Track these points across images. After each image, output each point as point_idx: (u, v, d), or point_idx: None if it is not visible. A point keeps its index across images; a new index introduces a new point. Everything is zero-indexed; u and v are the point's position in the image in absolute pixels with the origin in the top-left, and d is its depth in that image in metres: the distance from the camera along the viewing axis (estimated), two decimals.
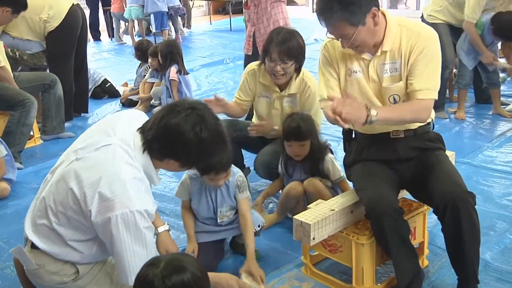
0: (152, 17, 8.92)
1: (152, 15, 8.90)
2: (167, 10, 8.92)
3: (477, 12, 4.41)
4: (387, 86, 2.32)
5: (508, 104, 4.98)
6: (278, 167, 3.07)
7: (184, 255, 1.70)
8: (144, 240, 1.84)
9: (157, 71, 5.47)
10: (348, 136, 2.60)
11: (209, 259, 2.56)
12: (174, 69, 5.08)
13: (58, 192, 1.91)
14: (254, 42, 4.49)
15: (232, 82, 6.48)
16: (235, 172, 2.60)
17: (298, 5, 12.94)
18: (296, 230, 2.29)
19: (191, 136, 1.84)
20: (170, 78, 5.06)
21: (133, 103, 5.68)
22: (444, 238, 2.27)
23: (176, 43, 5.36)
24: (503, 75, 5.51)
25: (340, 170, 2.88)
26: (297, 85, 3.15)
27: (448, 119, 4.79)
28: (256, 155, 3.33)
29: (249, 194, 2.65)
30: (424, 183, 2.28)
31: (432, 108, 2.32)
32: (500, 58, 4.88)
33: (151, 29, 9.26)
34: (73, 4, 4.78)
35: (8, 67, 4.23)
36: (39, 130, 4.66)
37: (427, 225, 2.57)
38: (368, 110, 2.12)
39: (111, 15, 9.86)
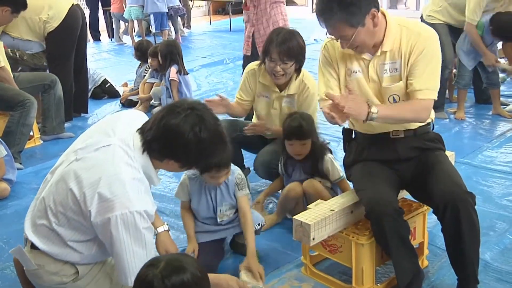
0: (152, 17, 8.91)
1: (152, 15, 8.89)
2: (167, 10, 8.92)
3: (477, 13, 4.40)
4: (387, 86, 2.32)
5: (508, 105, 4.98)
6: (278, 167, 3.07)
7: (184, 256, 1.70)
8: (143, 240, 1.84)
9: (157, 71, 5.47)
10: (348, 136, 2.60)
11: (209, 259, 2.56)
12: (174, 69, 5.08)
13: (58, 192, 1.91)
14: (253, 42, 4.48)
15: (232, 82, 6.48)
16: (234, 170, 2.60)
17: (297, 5, 12.94)
18: (296, 230, 2.29)
19: (190, 137, 1.84)
20: (170, 78, 5.06)
21: (133, 103, 5.67)
22: (444, 238, 2.27)
23: (176, 43, 5.36)
24: (503, 75, 5.51)
25: (340, 170, 2.88)
26: (296, 85, 3.15)
27: (448, 119, 4.79)
28: (256, 155, 3.34)
29: (248, 191, 2.66)
30: (424, 183, 2.28)
31: (432, 108, 2.33)
32: (500, 58, 4.88)
33: (151, 29, 9.26)
34: (72, 4, 4.78)
35: (8, 68, 4.23)
36: (39, 131, 4.65)
37: (427, 225, 2.58)
38: (369, 107, 2.13)
39: (111, 15, 9.85)
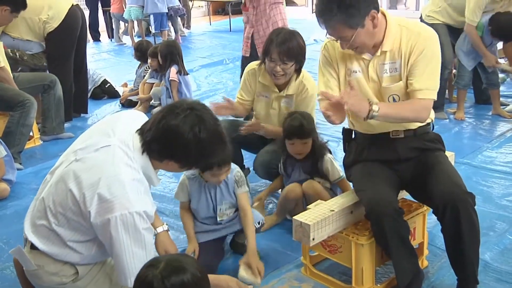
0: (152, 18, 8.92)
1: (151, 15, 8.89)
2: (167, 11, 8.92)
3: (477, 14, 4.40)
4: (387, 86, 2.32)
5: (508, 105, 4.98)
6: (277, 167, 3.07)
7: (184, 256, 1.70)
8: (143, 241, 1.84)
9: (156, 72, 5.47)
10: (348, 137, 2.60)
11: (209, 259, 2.57)
12: (174, 69, 5.08)
13: (57, 193, 1.91)
14: (252, 43, 4.49)
15: (232, 82, 6.47)
16: (233, 169, 2.62)
17: (297, 5, 12.94)
18: (295, 230, 2.29)
19: (190, 137, 1.85)
20: (170, 79, 5.06)
21: (132, 103, 5.67)
22: (443, 238, 2.27)
23: (176, 44, 5.36)
24: (502, 75, 5.51)
25: (340, 169, 2.88)
26: (295, 86, 3.16)
27: (447, 120, 4.79)
28: (255, 156, 3.34)
29: (247, 188, 2.68)
30: (424, 183, 2.28)
31: (431, 108, 2.33)
32: (500, 59, 4.88)
33: (150, 29, 9.26)
34: (72, 4, 4.78)
35: (8, 68, 4.22)
36: (39, 131, 4.65)
37: (426, 225, 2.58)
38: (370, 104, 2.14)
39: (110, 15, 9.85)
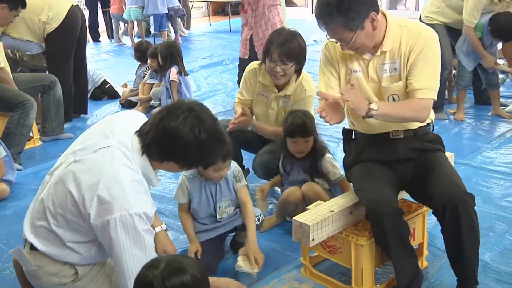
0: (152, 18, 8.92)
1: (151, 16, 8.89)
2: (167, 11, 8.92)
3: (475, 16, 4.41)
4: (387, 86, 2.33)
5: (507, 105, 4.98)
6: (276, 167, 3.07)
7: (184, 257, 1.70)
8: (143, 243, 1.83)
9: (156, 72, 5.47)
10: (348, 137, 2.60)
11: (209, 259, 2.57)
12: (174, 70, 5.08)
13: (56, 194, 1.91)
14: (251, 45, 4.49)
15: (232, 83, 6.47)
16: (231, 165, 2.64)
17: (297, 6, 12.94)
18: (295, 231, 2.29)
19: (190, 138, 1.85)
20: (171, 79, 5.06)
21: (132, 104, 5.67)
22: (443, 239, 2.27)
23: (176, 44, 5.36)
24: (502, 76, 5.52)
25: (339, 169, 2.88)
26: (294, 87, 3.16)
27: (447, 120, 4.79)
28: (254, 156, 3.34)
29: (246, 182, 2.72)
30: (424, 184, 2.28)
31: (431, 108, 2.32)
32: (500, 59, 4.88)
33: (150, 30, 9.27)
34: (72, 5, 4.78)
35: (8, 69, 4.22)
36: (39, 131, 4.65)
37: (426, 226, 2.58)
38: (369, 103, 2.14)
39: (110, 16, 9.85)
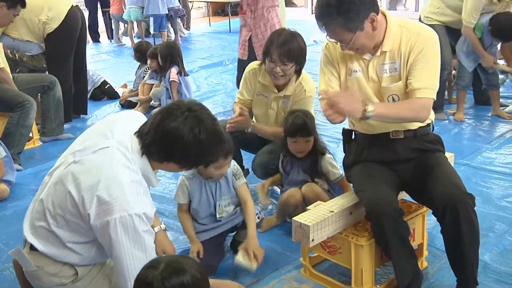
0: (151, 19, 8.92)
1: (151, 17, 8.89)
2: (167, 12, 8.92)
3: (474, 16, 4.41)
4: (386, 86, 2.33)
5: (507, 106, 4.99)
6: (276, 168, 3.08)
7: (184, 257, 1.69)
8: (143, 244, 1.83)
9: (156, 73, 5.47)
10: (348, 137, 2.60)
11: (209, 259, 2.57)
12: (174, 70, 5.08)
13: (56, 194, 1.91)
14: (250, 47, 4.49)
15: (231, 83, 6.46)
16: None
17: (297, 6, 12.94)
18: (295, 231, 2.29)
19: (190, 138, 1.85)
20: (171, 79, 5.05)
21: (132, 104, 5.66)
22: (443, 239, 2.27)
23: (176, 45, 5.36)
24: (502, 76, 5.52)
25: (339, 168, 2.89)
26: (294, 87, 3.16)
27: (447, 121, 4.79)
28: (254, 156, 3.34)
29: (245, 180, 2.73)
30: (424, 184, 2.28)
31: (431, 108, 2.32)
32: (500, 60, 4.89)
33: (150, 30, 9.26)
34: (72, 5, 4.77)
35: (8, 69, 4.21)
36: (38, 132, 4.65)
37: (426, 226, 2.58)
38: (365, 104, 2.14)
39: (110, 16, 9.85)
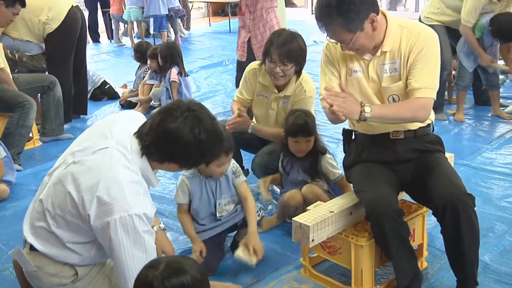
0: (151, 19, 8.92)
1: (151, 17, 8.89)
2: (167, 13, 8.92)
3: (473, 16, 4.42)
4: (387, 86, 2.33)
5: (507, 106, 4.99)
6: (275, 168, 3.08)
7: (184, 258, 1.70)
8: (143, 244, 1.83)
9: (156, 73, 5.47)
10: (348, 137, 2.60)
11: (209, 259, 2.57)
12: (175, 70, 5.07)
13: (56, 195, 1.91)
14: (249, 48, 4.49)
15: (231, 84, 6.45)
16: None
17: (297, 6, 12.94)
18: (295, 231, 2.29)
19: (190, 139, 1.85)
20: (171, 80, 5.05)
21: (132, 104, 5.66)
22: (443, 239, 2.27)
23: (176, 45, 5.36)
24: (503, 77, 5.52)
25: (339, 168, 2.89)
26: (294, 87, 3.16)
27: (447, 121, 4.79)
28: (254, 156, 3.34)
29: (245, 178, 2.74)
30: (424, 185, 2.28)
31: (431, 108, 2.32)
32: (500, 60, 4.89)
33: (150, 31, 9.26)
34: (72, 6, 4.77)
35: (8, 69, 4.21)
36: (38, 132, 4.65)
37: (426, 227, 2.58)
38: (362, 106, 2.14)
39: (110, 17, 9.85)
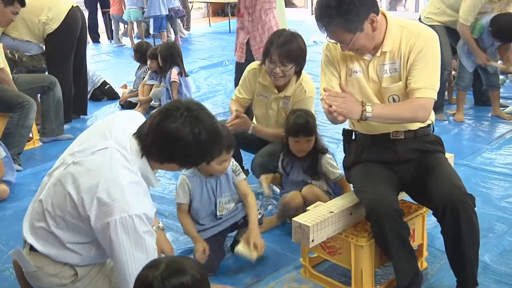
0: (151, 19, 8.92)
1: (151, 18, 8.89)
2: (167, 13, 8.92)
3: (472, 14, 4.42)
4: (387, 86, 2.33)
5: (507, 106, 4.99)
6: (275, 168, 3.07)
7: (185, 258, 1.70)
8: (144, 245, 1.83)
9: (156, 73, 5.47)
10: (348, 137, 2.60)
11: (209, 259, 2.57)
12: (175, 71, 5.07)
13: (55, 196, 1.91)
14: (248, 49, 4.48)
15: (231, 84, 6.43)
16: None
17: (297, 7, 12.94)
18: (295, 232, 2.29)
19: (190, 139, 1.85)
20: (172, 80, 5.05)
21: (132, 105, 5.66)
22: (443, 240, 2.27)
23: (176, 46, 5.36)
24: (503, 77, 5.52)
25: (338, 168, 2.89)
26: (294, 88, 3.16)
27: (447, 121, 4.79)
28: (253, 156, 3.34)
29: (245, 176, 2.75)
30: (424, 185, 2.28)
31: (431, 108, 2.31)
32: (500, 60, 4.88)
33: (150, 31, 9.26)
34: (72, 6, 4.78)
35: (8, 69, 4.21)
36: (38, 132, 4.65)
37: (426, 227, 2.58)
38: (363, 105, 2.14)
39: (110, 17, 9.85)
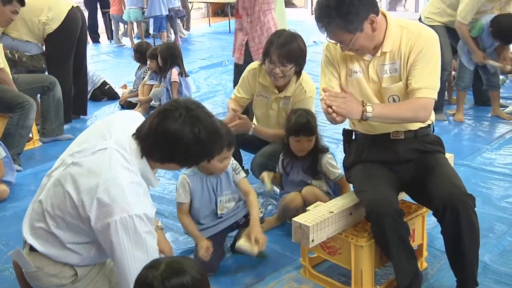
0: (151, 19, 8.92)
1: (151, 18, 8.89)
2: (167, 13, 8.92)
3: (470, 13, 4.42)
4: (387, 86, 2.33)
5: (507, 106, 4.99)
6: (275, 169, 3.08)
7: (185, 258, 1.69)
8: (144, 245, 1.82)
9: (156, 73, 5.47)
10: (348, 137, 2.60)
11: (210, 259, 2.57)
12: (175, 71, 5.07)
13: (55, 196, 1.91)
14: (247, 51, 4.49)
15: (231, 84, 6.42)
16: None
17: (297, 7, 12.94)
18: (295, 232, 2.29)
19: (190, 138, 1.85)
20: (172, 80, 5.05)
21: (132, 105, 5.66)
22: (443, 240, 2.27)
23: (176, 46, 5.37)
24: (503, 77, 5.52)
25: (338, 168, 2.89)
26: (294, 88, 3.16)
27: (447, 121, 4.79)
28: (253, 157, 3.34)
29: (245, 174, 2.76)
30: (424, 185, 2.29)
31: (431, 108, 2.31)
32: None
33: (149, 31, 9.26)
34: (72, 6, 4.78)
35: (8, 70, 4.21)
36: (38, 132, 4.65)
37: (426, 227, 2.58)
38: (364, 105, 2.14)
39: (110, 17, 9.85)
